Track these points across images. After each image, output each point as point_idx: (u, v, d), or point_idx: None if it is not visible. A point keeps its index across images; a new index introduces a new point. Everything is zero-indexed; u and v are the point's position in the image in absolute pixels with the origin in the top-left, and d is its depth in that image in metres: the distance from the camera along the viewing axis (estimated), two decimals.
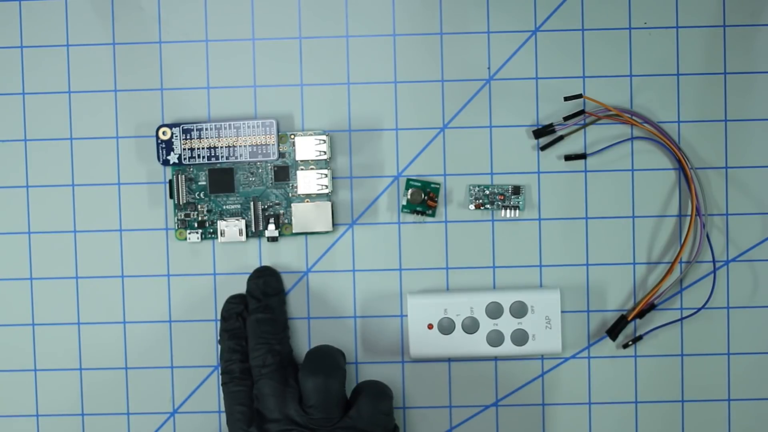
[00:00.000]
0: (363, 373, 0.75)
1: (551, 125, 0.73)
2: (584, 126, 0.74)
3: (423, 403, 0.75)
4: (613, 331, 0.73)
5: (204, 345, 0.75)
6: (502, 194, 0.74)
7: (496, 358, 0.75)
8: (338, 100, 0.74)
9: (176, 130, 0.73)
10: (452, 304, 0.73)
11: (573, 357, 0.75)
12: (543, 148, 0.74)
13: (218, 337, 0.74)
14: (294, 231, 0.73)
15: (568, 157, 0.74)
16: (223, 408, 0.76)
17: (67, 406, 0.76)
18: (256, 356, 0.69)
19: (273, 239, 0.73)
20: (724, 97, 0.74)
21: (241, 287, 0.75)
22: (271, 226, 0.73)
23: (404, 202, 0.74)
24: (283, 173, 0.74)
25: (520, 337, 0.72)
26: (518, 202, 0.74)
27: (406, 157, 0.75)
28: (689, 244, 0.74)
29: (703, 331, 0.75)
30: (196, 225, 0.74)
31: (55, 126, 0.75)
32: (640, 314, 0.73)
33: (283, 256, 0.75)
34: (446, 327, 0.73)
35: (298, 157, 0.73)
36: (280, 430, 0.66)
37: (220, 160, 0.73)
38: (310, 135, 0.73)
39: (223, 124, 0.73)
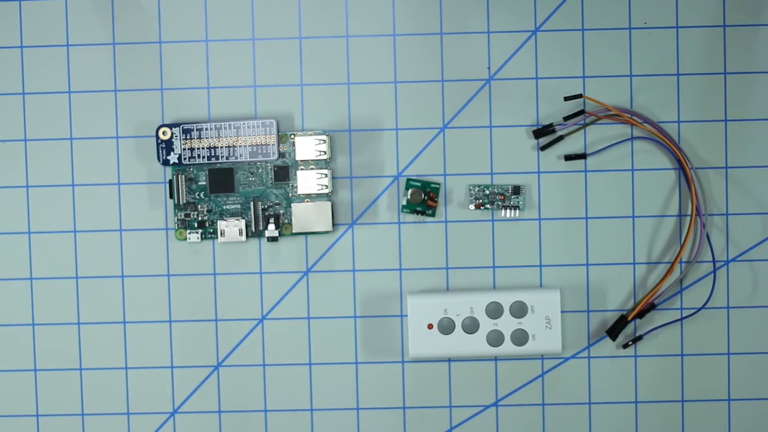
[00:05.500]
0: (363, 373, 0.75)
1: (551, 125, 0.73)
2: (584, 126, 0.74)
3: (423, 403, 0.75)
4: (613, 331, 0.73)
5: (204, 345, 0.75)
6: (502, 194, 0.74)
7: (496, 358, 0.75)
8: (338, 100, 0.74)
9: (176, 130, 0.73)
10: (452, 304, 0.73)
11: (573, 357, 0.75)
12: (543, 148, 0.74)
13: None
14: (294, 231, 0.73)
15: (568, 157, 0.74)
16: (223, 408, 0.76)
17: (67, 406, 0.76)
18: None
19: (273, 239, 0.73)
20: (724, 97, 0.74)
21: (241, 287, 0.75)
22: (271, 226, 0.73)
23: (404, 202, 0.74)
24: (283, 173, 0.74)
25: (520, 337, 0.72)
26: (518, 202, 0.74)
27: (406, 157, 0.75)
28: (689, 244, 0.74)
29: (703, 331, 0.75)
30: (196, 225, 0.74)
31: (55, 126, 0.75)
32: (640, 314, 0.73)
33: (283, 256, 0.75)
34: (446, 327, 0.73)
35: (298, 157, 0.73)
36: None
37: (220, 160, 0.73)
38: (310, 135, 0.73)
39: (223, 124, 0.73)
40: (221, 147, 0.73)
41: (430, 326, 0.73)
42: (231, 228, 0.73)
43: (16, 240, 0.75)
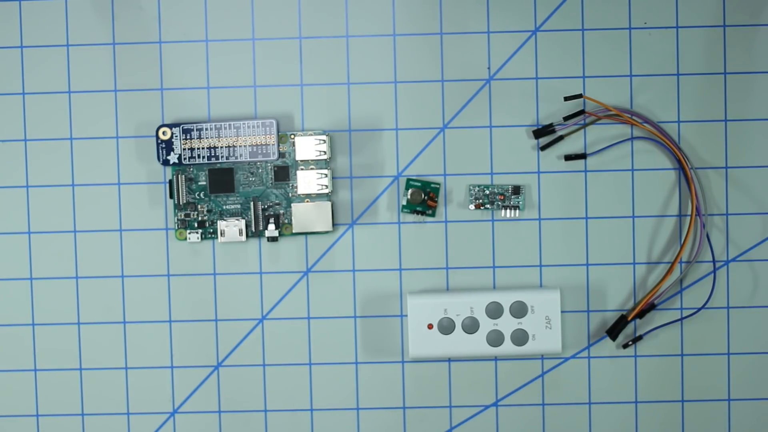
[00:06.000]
0: (363, 373, 0.75)
1: (551, 125, 0.73)
2: (584, 126, 0.74)
3: (423, 403, 0.75)
4: (613, 331, 0.73)
5: (204, 345, 0.75)
6: (502, 194, 0.74)
7: (496, 358, 0.75)
8: (338, 100, 0.74)
9: (176, 130, 0.73)
10: (452, 304, 0.73)
11: (573, 357, 0.75)
12: (543, 148, 0.74)
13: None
14: (294, 231, 0.73)
15: (568, 157, 0.74)
16: (223, 408, 0.76)
17: (67, 406, 0.76)
18: None
19: (273, 239, 0.73)
20: (724, 97, 0.74)
21: (241, 287, 0.75)
22: (271, 226, 0.73)
23: (404, 202, 0.74)
24: (283, 173, 0.74)
25: (520, 337, 0.72)
26: (518, 202, 0.74)
27: (406, 157, 0.75)
28: (689, 244, 0.74)
29: (703, 331, 0.75)
30: (196, 225, 0.74)
31: (55, 126, 0.75)
32: (640, 314, 0.73)
33: (283, 256, 0.75)
34: (446, 327, 0.73)
35: (298, 157, 0.73)
36: None
37: (220, 160, 0.73)
38: (310, 135, 0.73)
39: (223, 124, 0.73)
40: (221, 147, 0.73)
41: (430, 326, 0.73)
42: (231, 228, 0.73)
43: (16, 240, 0.75)
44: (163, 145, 0.73)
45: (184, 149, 0.73)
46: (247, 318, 0.75)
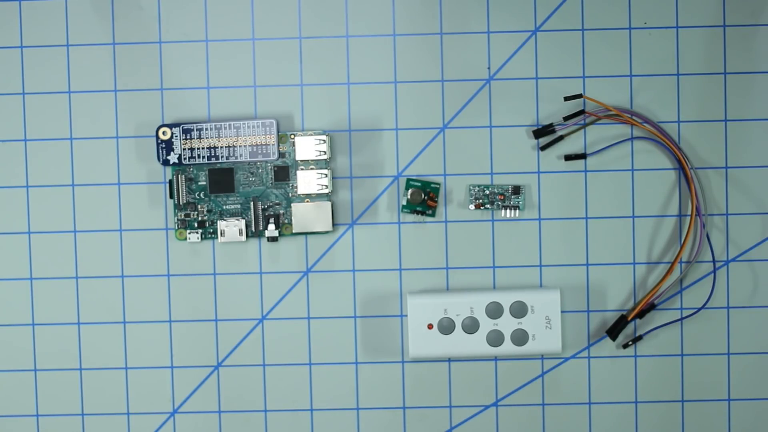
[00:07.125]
0: (363, 373, 0.75)
1: (551, 125, 0.73)
2: (584, 126, 0.74)
3: (423, 403, 0.75)
4: (613, 331, 0.73)
5: (204, 345, 0.75)
6: (502, 194, 0.74)
7: (496, 358, 0.75)
8: (338, 100, 0.74)
9: (176, 130, 0.73)
10: (452, 304, 0.73)
11: (573, 357, 0.75)
12: (543, 148, 0.74)
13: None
14: (294, 231, 0.73)
15: (568, 157, 0.74)
16: (223, 408, 0.76)
17: (67, 406, 0.76)
18: None
19: (273, 239, 0.73)
20: (724, 97, 0.74)
21: (241, 287, 0.75)
22: (271, 226, 0.73)
23: (404, 202, 0.74)
24: (283, 173, 0.74)
25: (520, 337, 0.72)
26: (518, 202, 0.74)
27: (406, 157, 0.75)
28: (689, 244, 0.74)
29: (703, 331, 0.75)
30: (196, 225, 0.74)
31: (55, 126, 0.75)
32: (640, 314, 0.73)
33: (283, 256, 0.75)
34: (446, 327, 0.73)
35: (298, 157, 0.73)
36: None
37: (220, 160, 0.73)
38: (310, 135, 0.73)
39: (223, 124, 0.73)
40: (221, 147, 0.73)
41: (430, 326, 0.73)
42: (231, 228, 0.73)
43: (16, 240, 0.75)
44: (163, 145, 0.73)
45: (184, 149, 0.73)
46: (247, 318, 0.75)
